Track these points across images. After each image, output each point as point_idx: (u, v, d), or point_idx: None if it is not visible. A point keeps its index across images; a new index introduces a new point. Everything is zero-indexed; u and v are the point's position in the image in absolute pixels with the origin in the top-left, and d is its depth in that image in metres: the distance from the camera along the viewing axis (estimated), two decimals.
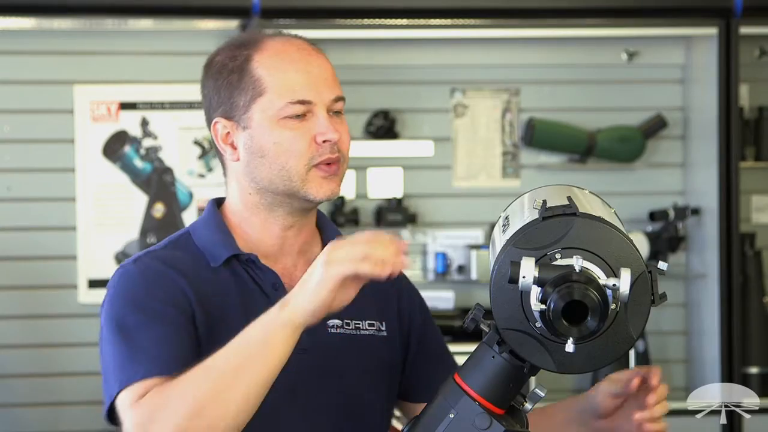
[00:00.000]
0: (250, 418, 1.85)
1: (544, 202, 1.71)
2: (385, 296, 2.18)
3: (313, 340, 2.05)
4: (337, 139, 2.05)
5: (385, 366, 2.14)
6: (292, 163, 2.04)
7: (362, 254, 1.80)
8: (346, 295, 1.84)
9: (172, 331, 1.97)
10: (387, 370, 2.14)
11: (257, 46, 2.08)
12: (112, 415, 1.96)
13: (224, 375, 1.83)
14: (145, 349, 1.95)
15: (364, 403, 2.10)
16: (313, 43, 2.13)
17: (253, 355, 1.84)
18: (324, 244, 2.15)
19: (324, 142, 2.04)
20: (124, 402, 1.91)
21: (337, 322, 2.10)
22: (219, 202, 2.17)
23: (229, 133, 2.10)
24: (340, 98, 2.08)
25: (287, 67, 2.06)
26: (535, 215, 1.71)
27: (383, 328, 2.16)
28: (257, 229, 2.11)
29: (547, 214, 1.69)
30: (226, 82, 2.09)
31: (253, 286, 2.07)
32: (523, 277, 1.63)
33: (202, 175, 5.05)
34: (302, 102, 2.04)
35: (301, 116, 2.05)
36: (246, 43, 2.10)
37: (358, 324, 2.13)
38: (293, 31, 2.16)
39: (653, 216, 5.15)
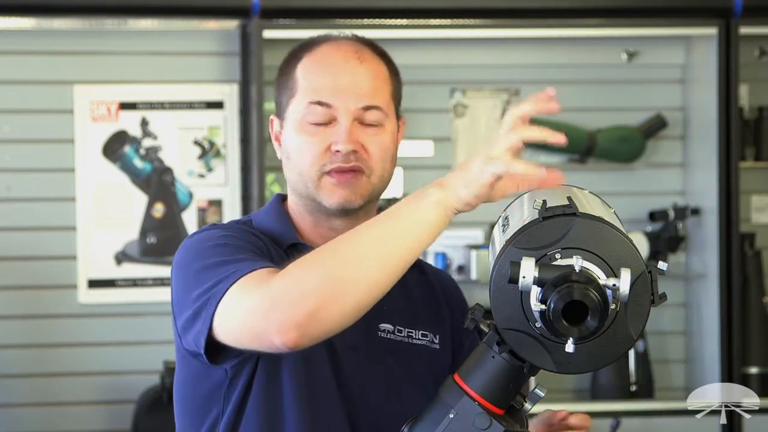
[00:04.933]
0: (376, 301, 1.77)
1: (544, 202, 1.71)
2: (439, 310, 2.16)
3: (363, 341, 2.04)
4: (349, 149, 2.02)
5: (429, 378, 2.07)
6: (306, 169, 2.04)
7: (516, 146, 1.77)
8: (505, 188, 1.79)
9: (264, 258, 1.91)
10: (432, 383, 2.05)
11: (310, 48, 2.09)
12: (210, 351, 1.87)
13: (366, 242, 1.76)
14: (242, 259, 1.87)
15: (404, 409, 2.07)
16: (375, 47, 2.11)
17: (399, 227, 1.77)
18: None
19: (336, 151, 2.02)
20: (244, 286, 1.80)
21: (388, 327, 2.08)
22: (283, 198, 2.16)
23: (280, 131, 2.11)
24: (372, 107, 2.05)
25: (320, 70, 2.06)
26: (535, 215, 1.71)
27: (436, 341, 2.13)
28: (309, 229, 2.10)
29: (547, 214, 1.69)
30: (279, 81, 2.11)
31: None
32: (523, 277, 1.63)
33: (202, 175, 5.05)
34: (321, 103, 2.03)
35: (324, 124, 2.04)
36: (307, 43, 2.11)
37: (411, 332, 2.10)
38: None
39: (653, 216, 5.15)
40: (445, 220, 1.79)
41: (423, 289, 2.17)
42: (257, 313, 1.78)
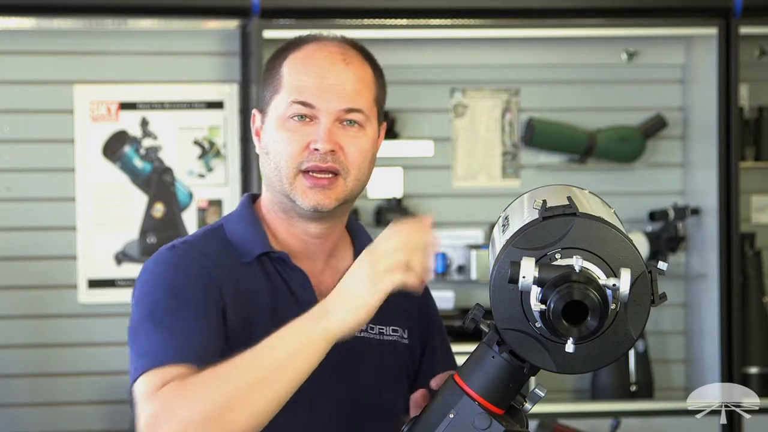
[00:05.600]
0: (261, 423, 1.82)
1: (544, 202, 1.71)
2: (407, 305, 2.17)
3: (337, 343, 2.04)
4: (328, 149, 2.03)
5: (403, 373, 2.13)
6: (283, 164, 2.05)
7: (404, 264, 1.80)
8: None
9: (202, 322, 1.95)
10: (405, 378, 2.14)
11: (298, 46, 2.11)
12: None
13: (249, 382, 1.80)
14: (173, 335, 1.92)
15: (379, 408, 2.09)
16: (362, 49, 2.12)
17: (282, 364, 1.81)
18: (356, 251, 2.15)
19: (315, 150, 2.03)
20: (142, 388, 1.89)
21: None
22: (254, 198, 2.18)
23: (261, 126, 2.12)
24: (354, 110, 2.06)
25: (305, 70, 2.07)
26: (535, 215, 1.71)
27: (405, 336, 2.16)
28: (282, 230, 2.12)
29: (547, 214, 1.69)
30: (265, 77, 2.13)
31: (282, 284, 2.07)
32: (523, 277, 1.63)
33: (202, 175, 5.05)
34: (303, 103, 2.04)
35: (304, 119, 2.05)
36: (294, 41, 2.13)
37: (382, 329, 2.13)
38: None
39: (653, 216, 5.16)
40: (329, 347, 1.84)
41: None
42: (144, 422, 1.83)
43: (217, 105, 5.00)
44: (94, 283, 4.96)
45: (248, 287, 2.04)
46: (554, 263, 1.66)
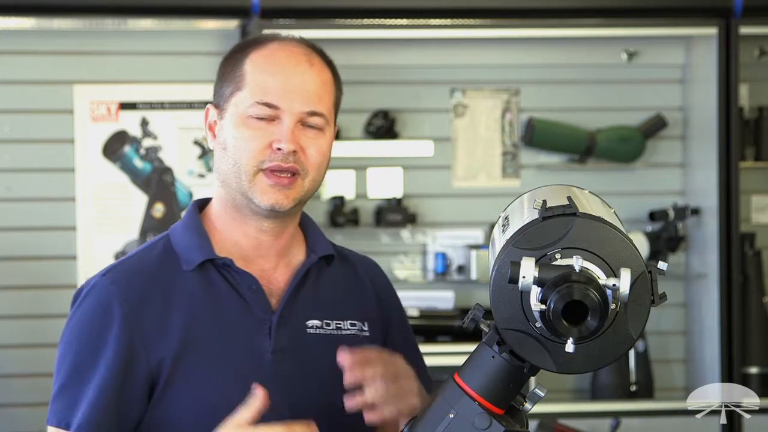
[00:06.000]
0: None
1: (544, 202, 1.71)
2: (365, 295, 2.19)
3: (293, 341, 2.05)
4: (291, 149, 2.04)
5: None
6: (243, 162, 2.06)
7: None
8: None
9: (101, 391, 2.00)
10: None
11: (259, 44, 2.12)
12: None
13: None
14: (79, 403, 2.00)
15: (341, 403, 2.09)
16: (323, 53, 2.13)
17: None
18: (308, 247, 2.16)
19: (278, 149, 2.04)
20: None
21: (316, 322, 2.11)
22: (203, 204, 2.18)
23: (216, 120, 2.14)
24: (316, 113, 2.08)
25: (270, 69, 2.08)
26: (535, 215, 1.71)
27: (365, 328, 2.16)
28: (233, 230, 2.12)
29: (547, 214, 1.69)
30: (223, 72, 2.13)
31: (228, 290, 2.07)
32: (523, 277, 1.63)
33: (202, 175, 5.05)
34: (268, 105, 2.06)
35: (267, 119, 2.06)
36: (255, 40, 2.14)
37: (339, 324, 2.13)
38: (297, 32, 2.17)
39: (653, 216, 5.16)
40: None
41: (346, 277, 2.20)
42: None
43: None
44: None
45: (187, 297, 2.05)
46: (554, 263, 1.66)
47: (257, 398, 1.88)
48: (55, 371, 2.06)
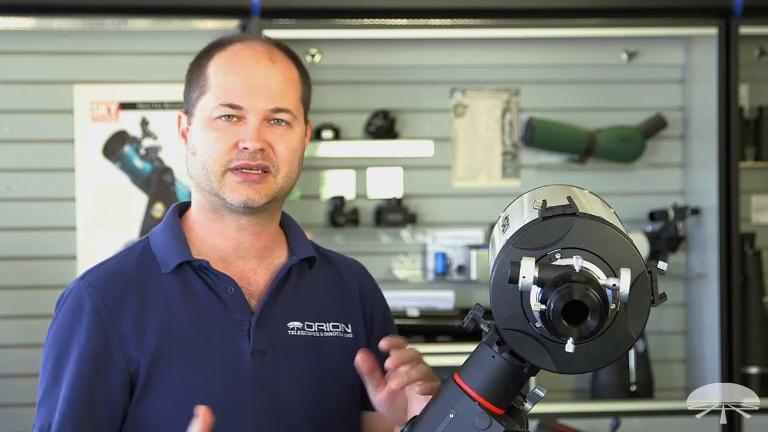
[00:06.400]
0: None
1: (544, 202, 1.70)
2: (349, 297, 2.18)
3: (273, 343, 2.05)
4: (257, 148, 2.05)
5: (346, 369, 2.08)
6: (210, 163, 2.07)
7: None
8: None
9: (72, 389, 2.01)
10: (350, 373, 2.07)
11: (222, 47, 2.12)
12: None
13: None
14: (52, 399, 2.02)
15: (328, 407, 2.09)
16: (287, 50, 2.13)
17: None
18: (290, 248, 2.15)
19: (244, 148, 2.04)
20: None
21: (297, 324, 2.10)
22: (183, 207, 2.19)
23: (187, 127, 2.14)
24: (281, 110, 2.07)
25: (231, 70, 2.08)
26: (535, 215, 1.71)
27: (349, 330, 2.15)
28: (211, 232, 2.12)
29: (547, 214, 1.69)
30: (190, 77, 2.14)
31: (207, 292, 2.07)
32: (523, 277, 1.63)
33: None
34: (231, 106, 2.06)
35: (231, 119, 2.06)
36: (218, 42, 2.14)
37: (321, 326, 2.12)
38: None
39: (653, 216, 5.15)
40: None
41: (329, 279, 2.19)
42: None
43: None
44: None
45: (164, 299, 2.05)
46: (554, 263, 1.66)
47: (199, 420, 1.85)
48: (40, 377, 2.07)
